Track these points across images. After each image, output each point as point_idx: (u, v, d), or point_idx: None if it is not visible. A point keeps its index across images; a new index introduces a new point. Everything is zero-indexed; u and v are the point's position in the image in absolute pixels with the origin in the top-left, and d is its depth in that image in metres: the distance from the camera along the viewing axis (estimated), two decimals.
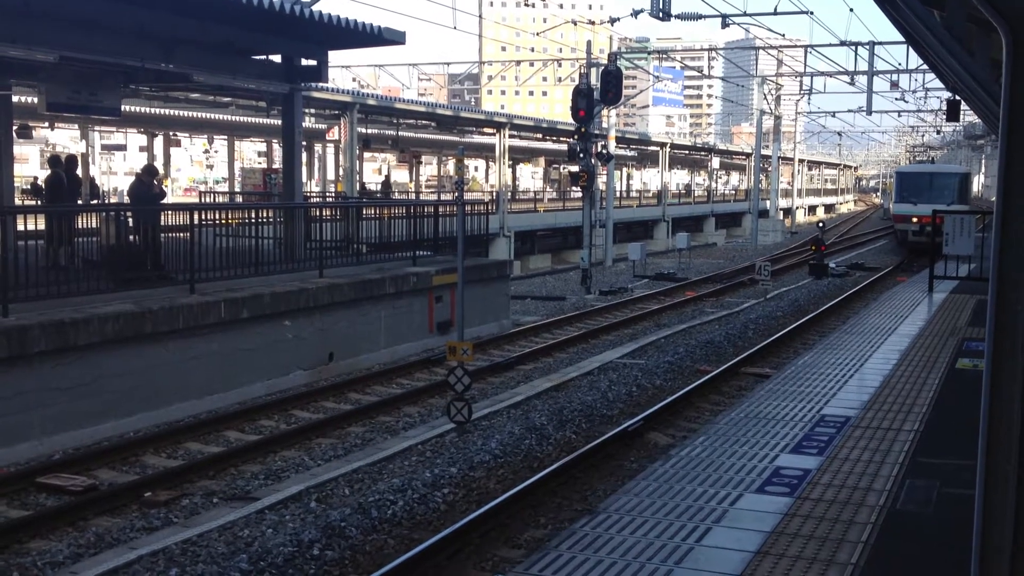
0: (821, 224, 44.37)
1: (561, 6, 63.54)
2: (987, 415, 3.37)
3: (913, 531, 5.66)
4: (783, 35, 37.40)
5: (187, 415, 12.38)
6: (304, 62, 18.28)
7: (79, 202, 17.81)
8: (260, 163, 61.28)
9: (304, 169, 33.49)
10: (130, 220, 14.37)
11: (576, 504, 9.14)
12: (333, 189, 38.72)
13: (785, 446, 7.36)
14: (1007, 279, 3.32)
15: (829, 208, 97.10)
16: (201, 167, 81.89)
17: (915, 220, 36.31)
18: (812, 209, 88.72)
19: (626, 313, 22.20)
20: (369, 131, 36.03)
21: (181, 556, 7.77)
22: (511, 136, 42.18)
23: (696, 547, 5.37)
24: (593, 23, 36.68)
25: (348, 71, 47.90)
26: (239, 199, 30.82)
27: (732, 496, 6.20)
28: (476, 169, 72.91)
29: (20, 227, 14.58)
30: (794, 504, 6.08)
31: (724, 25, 29.75)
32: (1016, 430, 3.33)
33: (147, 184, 15.58)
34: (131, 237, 14.24)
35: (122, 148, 53.14)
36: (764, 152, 55.66)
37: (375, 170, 73.19)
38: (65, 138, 53.98)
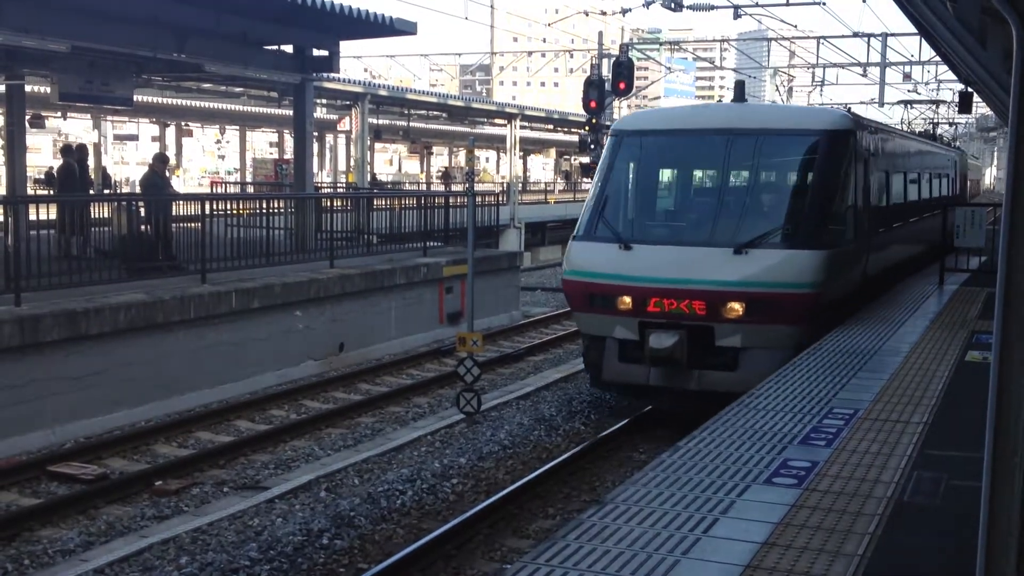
0: None
1: None
2: (994, 407, 3.37)
3: (920, 523, 5.65)
4: (795, 26, 37.27)
5: (198, 404, 12.44)
6: (316, 52, 18.31)
7: (91, 191, 17.86)
8: (271, 153, 61.30)
9: (315, 159, 33.51)
10: (142, 210, 14.42)
11: (584, 495, 9.16)
12: (344, 180, 38.76)
13: (793, 438, 7.35)
14: (1015, 270, 3.31)
15: None
16: (213, 157, 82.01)
17: (625, 305, 10.62)
18: None
19: None
20: (380, 122, 36.02)
21: (191, 545, 7.82)
22: (522, 127, 42.13)
23: (703, 538, 5.37)
24: (605, 14, 36.58)
25: (360, 62, 48.01)
26: (250, 189, 30.88)
27: (740, 487, 6.20)
28: (487, 160, 72.81)
29: (32, 216, 14.65)
30: (801, 496, 6.07)
31: (736, 16, 29.58)
32: (1022, 423, 3.33)
33: (160, 174, 15.62)
34: (143, 227, 14.29)
35: (134, 138, 53.20)
36: None
37: (387, 161, 73.18)
38: (77, 128, 54.05)
